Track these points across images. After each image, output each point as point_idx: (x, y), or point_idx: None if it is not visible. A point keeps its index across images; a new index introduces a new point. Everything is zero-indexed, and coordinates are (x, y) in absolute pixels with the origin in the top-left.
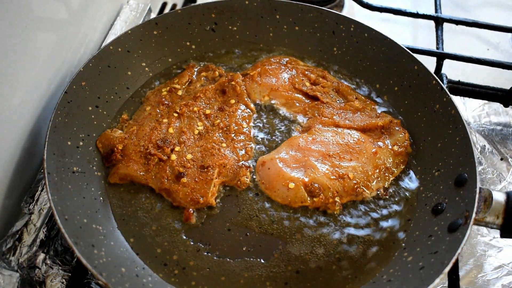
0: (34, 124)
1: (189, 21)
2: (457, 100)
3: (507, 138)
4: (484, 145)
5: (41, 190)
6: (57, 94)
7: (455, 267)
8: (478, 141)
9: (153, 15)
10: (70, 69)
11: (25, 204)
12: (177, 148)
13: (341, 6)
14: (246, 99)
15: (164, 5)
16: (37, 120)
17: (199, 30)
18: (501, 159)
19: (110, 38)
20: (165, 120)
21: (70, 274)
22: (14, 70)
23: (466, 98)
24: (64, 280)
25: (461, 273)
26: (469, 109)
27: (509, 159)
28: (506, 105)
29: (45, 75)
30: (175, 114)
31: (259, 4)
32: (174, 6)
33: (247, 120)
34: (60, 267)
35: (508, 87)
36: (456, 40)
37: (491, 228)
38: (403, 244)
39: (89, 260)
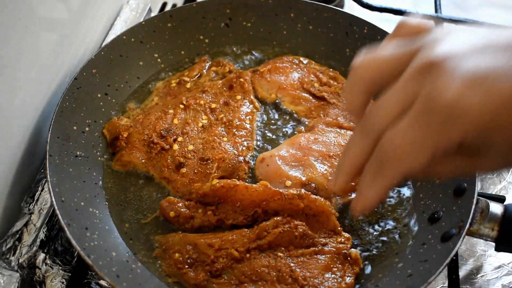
0: (35, 124)
1: (204, 15)
2: None
3: None
4: None
5: (41, 190)
6: (58, 94)
7: (455, 267)
8: None
9: (153, 15)
10: (70, 69)
11: (25, 204)
12: (179, 139)
13: (341, 6)
14: (252, 96)
15: (164, 5)
16: (38, 120)
17: (213, 25)
18: None
19: (110, 38)
20: (171, 111)
21: (70, 274)
22: (15, 70)
23: None
24: (64, 280)
25: (461, 273)
26: None
27: None
28: None
29: (46, 75)
30: (181, 106)
31: (274, 2)
32: (174, 6)
33: (251, 117)
34: (60, 267)
35: None
36: None
37: (486, 240)
38: (396, 250)
39: (79, 241)
